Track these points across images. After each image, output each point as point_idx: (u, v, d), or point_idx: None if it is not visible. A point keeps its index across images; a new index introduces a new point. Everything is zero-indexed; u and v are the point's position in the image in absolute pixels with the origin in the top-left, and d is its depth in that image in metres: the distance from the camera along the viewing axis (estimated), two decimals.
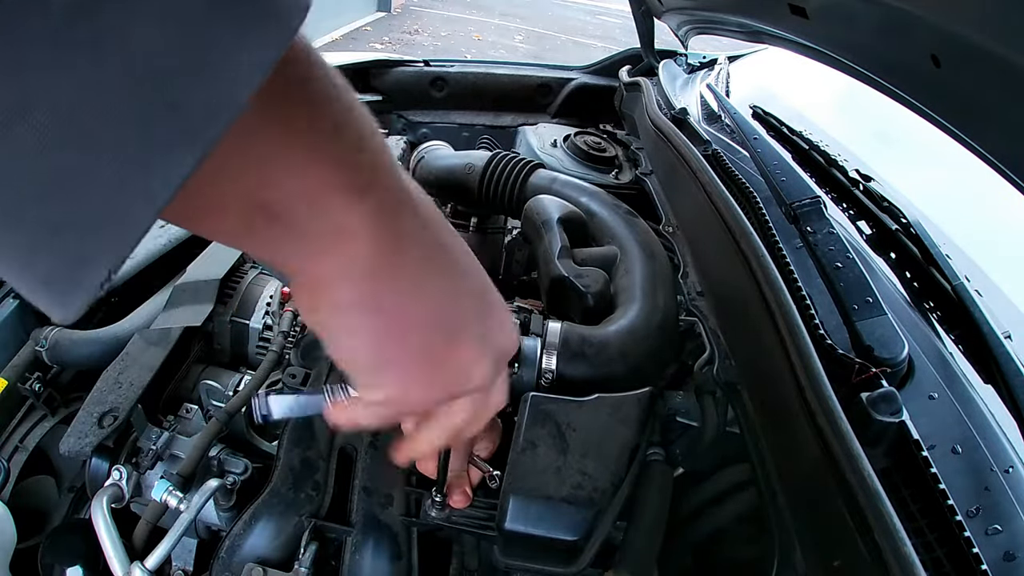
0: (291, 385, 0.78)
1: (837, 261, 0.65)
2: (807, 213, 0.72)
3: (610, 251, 0.87)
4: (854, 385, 0.52)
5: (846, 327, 0.59)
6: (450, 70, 1.64)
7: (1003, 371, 0.55)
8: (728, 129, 1.06)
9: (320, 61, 0.24)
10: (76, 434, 0.70)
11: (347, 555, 0.62)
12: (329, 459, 0.68)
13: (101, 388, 0.75)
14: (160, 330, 0.83)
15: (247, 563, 0.60)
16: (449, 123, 1.65)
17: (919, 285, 0.70)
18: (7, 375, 0.82)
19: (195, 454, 0.69)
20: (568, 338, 0.70)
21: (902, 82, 0.71)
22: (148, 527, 0.66)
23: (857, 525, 0.43)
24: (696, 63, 1.53)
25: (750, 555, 0.61)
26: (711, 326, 0.73)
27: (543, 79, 1.66)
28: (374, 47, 6.44)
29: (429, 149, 1.25)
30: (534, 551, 0.57)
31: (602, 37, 8.06)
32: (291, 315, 0.85)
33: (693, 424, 0.68)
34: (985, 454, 0.51)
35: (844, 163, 0.89)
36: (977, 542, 0.42)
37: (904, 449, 0.48)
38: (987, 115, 0.60)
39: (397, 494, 0.65)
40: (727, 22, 1.15)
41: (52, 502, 0.81)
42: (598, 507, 0.55)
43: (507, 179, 1.05)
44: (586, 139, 1.27)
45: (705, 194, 0.83)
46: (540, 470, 0.57)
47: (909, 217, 0.75)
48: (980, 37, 0.52)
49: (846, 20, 0.75)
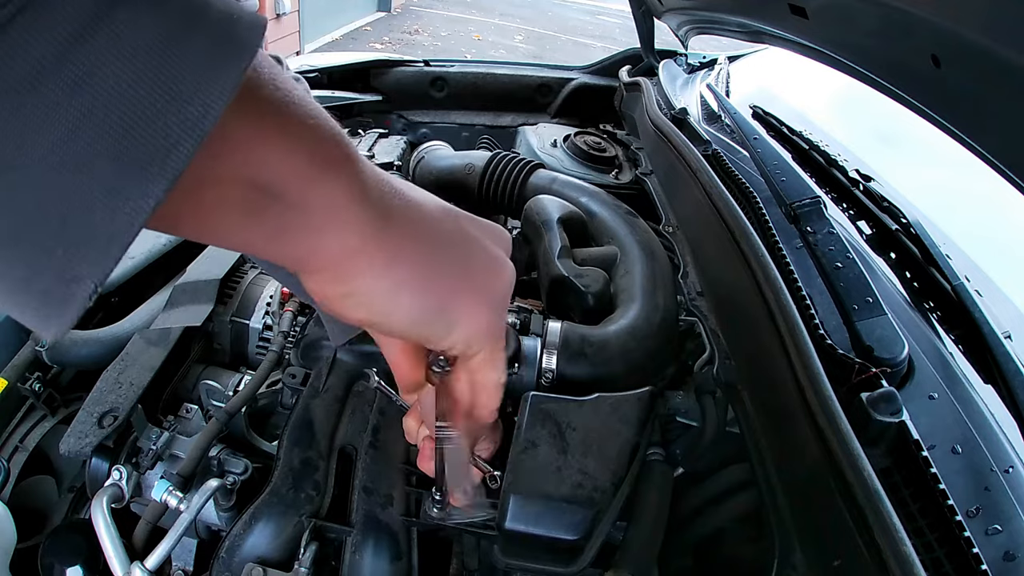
0: (291, 385, 0.78)
1: (837, 261, 0.65)
2: (807, 213, 0.72)
3: (610, 251, 0.87)
4: (854, 385, 0.52)
5: (846, 327, 0.59)
6: (450, 70, 1.64)
7: (1003, 371, 0.55)
8: (728, 129, 1.06)
9: (272, 65, 0.27)
10: (76, 434, 0.70)
11: (347, 555, 0.62)
12: (329, 459, 0.68)
13: (101, 388, 0.75)
14: (160, 330, 0.83)
15: (247, 563, 0.60)
16: (449, 123, 1.65)
17: (919, 285, 0.70)
18: (7, 375, 0.82)
19: (195, 454, 0.69)
20: (568, 338, 0.70)
21: (902, 82, 0.71)
22: (148, 527, 0.66)
23: (857, 525, 0.43)
24: (696, 63, 1.53)
25: (750, 555, 0.61)
26: (711, 326, 0.73)
27: (543, 79, 1.66)
28: (374, 47, 6.43)
29: (429, 149, 1.25)
30: (534, 551, 0.57)
31: (602, 37, 8.05)
32: (291, 315, 0.85)
33: (693, 424, 0.68)
34: (985, 454, 0.51)
35: (844, 163, 0.89)
36: (977, 542, 0.42)
37: (904, 449, 0.48)
38: (987, 115, 0.60)
39: (397, 494, 0.65)
40: (727, 22, 1.15)
41: (52, 502, 0.81)
42: (598, 507, 0.55)
43: (507, 179, 1.05)
44: (586, 139, 1.27)
45: (705, 194, 0.83)
46: (540, 469, 0.57)
47: (909, 217, 0.75)
48: (980, 37, 0.52)
49: (846, 20, 0.75)
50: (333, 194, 0.28)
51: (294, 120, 0.27)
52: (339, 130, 0.29)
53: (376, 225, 0.30)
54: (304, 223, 0.28)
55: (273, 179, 0.26)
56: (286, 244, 0.29)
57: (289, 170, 0.27)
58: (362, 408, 0.72)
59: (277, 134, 0.26)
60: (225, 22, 0.22)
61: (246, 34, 0.22)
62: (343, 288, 0.31)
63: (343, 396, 0.73)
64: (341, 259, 0.30)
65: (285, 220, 0.28)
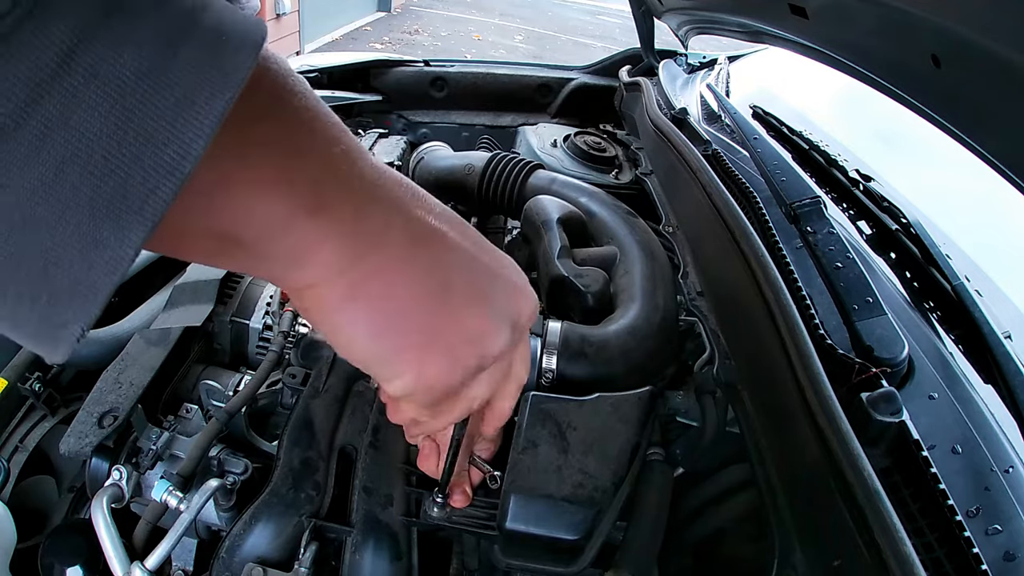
0: (291, 385, 0.78)
1: (837, 261, 0.65)
2: (807, 213, 0.72)
3: (610, 251, 0.87)
4: (854, 385, 0.52)
5: (846, 327, 0.59)
6: (450, 70, 1.64)
7: (1003, 371, 0.55)
8: (728, 129, 1.06)
9: (279, 75, 0.25)
10: (76, 434, 0.70)
11: (347, 555, 0.62)
12: (329, 459, 0.68)
13: (101, 388, 0.75)
14: (160, 330, 0.83)
15: (247, 563, 0.60)
16: (449, 123, 1.65)
17: (919, 285, 0.70)
18: (7, 375, 0.82)
19: (195, 454, 0.69)
20: (568, 338, 0.70)
21: (902, 82, 0.71)
22: (148, 527, 0.65)
23: (857, 525, 0.43)
24: (696, 63, 1.53)
25: (750, 555, 0.61)
26: (711, 326, 0.73)
27: (543, 79, 1.66)
28: (374, 47, 6.43)
29: (429, 149, 1.25)
30: (535, 551, 0.57)
31: (602, 37, 8.05)
32: (291, 315, 0.85)
33: (693, 424, 0.68)
34: (985, 454, 0.51)
35: (844, 163, 0.89)
36: (977, 542, 0.42)
37: (904, 449, 0.48)
38: (987, 115, 0.60)
39: (397, 494, 0.65)
40: (727, 22, 1.15)
41: (52, 502, 0.81)
42: (599, 506, 0.55)
43: (507, 179, 1.05)
44: (586, 139, 1.27)
45: (705, 194, 0.83)
46: (541, 469, 0.57)
47: (909, 217, 0.75)
48: (980, 37, 0.52)
49: (846, 20, 0.75)
50: (305, 240, 0.27)
51: (289, 157, 0.26)
52: (350, 156, 0.28)
53: (343, 264, 0.29)
54: (270, 267, 0.29)
55: (237, 230, 0.26)
56: (252, 272, 0.30)
57: (260, 221, 0.26)
58: (362, 408, 0.72)
59: (260, 179, 0.25)
60: (210, 45, 0.20)
61: (233, 58, 0.20)
62: (302, 307, 0.32)
63: (343, 396, 0.73)
64: (301, 291, 0.30)
65: (251, 263, 0.28)
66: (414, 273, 0.31)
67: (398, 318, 0.32)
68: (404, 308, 0.32)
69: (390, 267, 0.31)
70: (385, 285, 0.31)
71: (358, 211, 0.29)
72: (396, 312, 0.31)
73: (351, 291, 0.30)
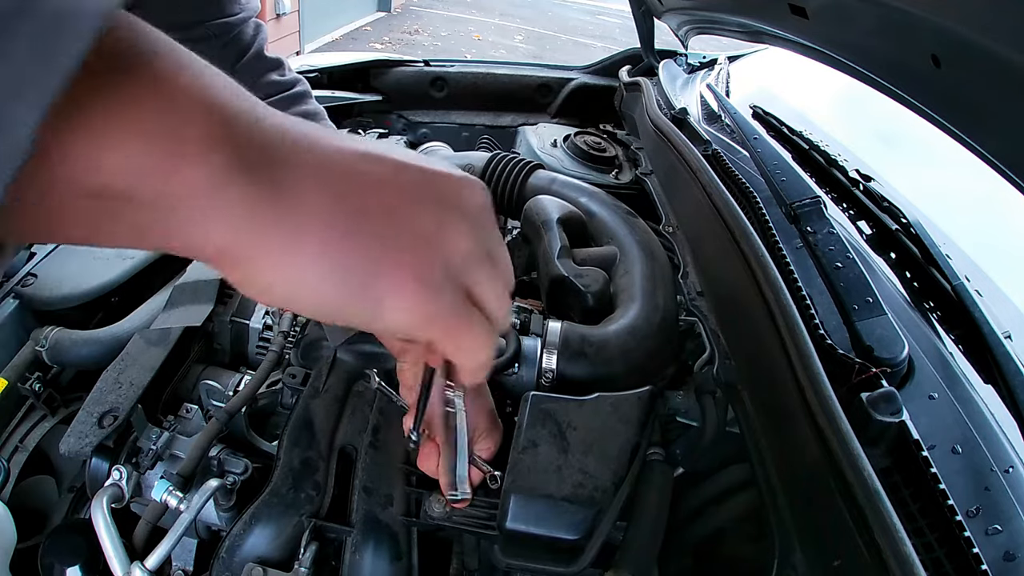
0: (291, 385, 0.78)
1: (837, 261, 0.65)
2: (807, 213, 0.72)
3: (610, 251, 0.87)
4: (854, 385, 0.52)
5: (846, 327, 0.59)
6: (450, 70, 1.64)
7: (1003, 371, 0.55)
8: (728, 129, 1.06)
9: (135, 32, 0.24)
10: (76, 434, 0.70)
11: (347, 555, 0.62)
12: (329, 459, 0.68)
13: (101, 388, 0.74)
14: (160, 330, 0.83)
15: (247, 563, 0.60)
16: (449, 123, 1.65)
17: (919, 285, 0.70)
18: (7, 375, 0.82)
19: (195, 454, 0.69)
20: (568, 337, 0.70)
21: (902, 82, 0.71)
22: (148, 527, 0.65)
23: (857, 525, 0.43)
24: (696, 63, 1.53)
25: (750, 555, 0.61)
26: (711, 326, 0.73)
27: (543, 79, 1.66)
28: (374, 47, 6.43)
29: (429, 150, 1.25)
30: (535, 550, 0.57)
31: (602, 37, 8.05)
32: (291, 315, 0.85)
33: (693, 424, 0.68)
34: (985, 454, 0.51)
35: (844, 163, 0.89)
36: (977, 542, 0.42)
37: (904, 449, 0.48)
38: (987, 115, 0.60)
39: (397, 494, 0.65)
40: (727, 22, 1.15)
41: (52, 502, 0.81)
42: (599, 506, 0.55)
43: (507, 179, 1.05)
44: (586, 139, 1.28)
45: (705, 194, 0.83)
46: (541, 469, 0.57)
47: (909, 217, 0.75)
48: (980, 37, 0.52)
49: (846, 20, 0.75)
50: (195, 183, 0.25)
51: (147, 104, 0.24)
52: (222, 97, 0.26)
53: (262, 205, 0.26)
54: (164, 219, 0.25)
55: (110, 183, 0.24)
56: (165, 241, 0.26)
57: (132, 169, 0.24)
58: (362, 408, 0.72)
59: (115, 130, 0.23)
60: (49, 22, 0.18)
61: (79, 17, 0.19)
62: (239, 275, 0.28)
63: (343, 396, 0.73)
64: (225, 247, 0.27)
65: (141, 221, 0.25)
66: (351, 182, 0.29)
67: (352, 244, 0.29)
68: (355, 230, 0.29)
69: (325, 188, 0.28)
70: (327, 212, 0.28)
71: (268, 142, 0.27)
72: (349, 238, 0.29)
73: (292, 231, 0.27)
